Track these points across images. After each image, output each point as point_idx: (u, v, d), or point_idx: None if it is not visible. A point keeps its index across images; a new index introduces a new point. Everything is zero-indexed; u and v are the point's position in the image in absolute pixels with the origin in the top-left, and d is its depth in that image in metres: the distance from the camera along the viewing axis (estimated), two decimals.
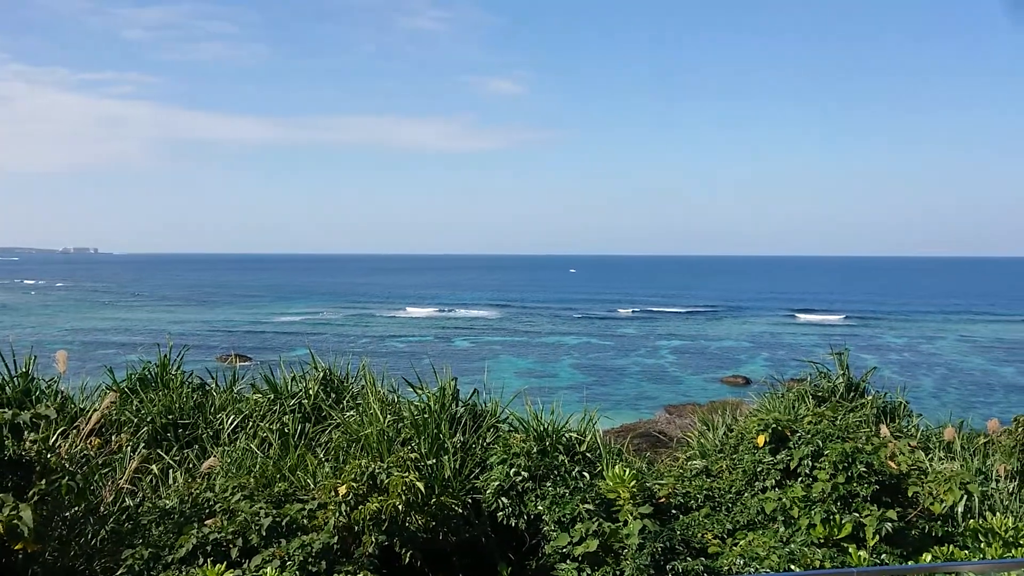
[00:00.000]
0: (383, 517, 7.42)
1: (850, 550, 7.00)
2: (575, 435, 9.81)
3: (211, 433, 10.55)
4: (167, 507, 7.42)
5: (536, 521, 8.05)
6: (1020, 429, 11.83)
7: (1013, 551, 7.49)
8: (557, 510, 7.61)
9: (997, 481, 10.38)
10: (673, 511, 8.42)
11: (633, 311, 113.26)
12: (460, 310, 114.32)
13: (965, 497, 8.14)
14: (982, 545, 7.55)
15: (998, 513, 8.94)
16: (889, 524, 7.16)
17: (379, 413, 9.57)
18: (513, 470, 8.19)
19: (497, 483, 8.21)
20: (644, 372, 60.18)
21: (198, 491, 7.91)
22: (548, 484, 8.08)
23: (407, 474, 7.74)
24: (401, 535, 7.60)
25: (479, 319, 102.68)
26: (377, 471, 7.76)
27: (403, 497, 7.50)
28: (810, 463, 7.83)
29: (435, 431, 9.13)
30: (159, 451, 9.86)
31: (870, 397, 13.78)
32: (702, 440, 12.16)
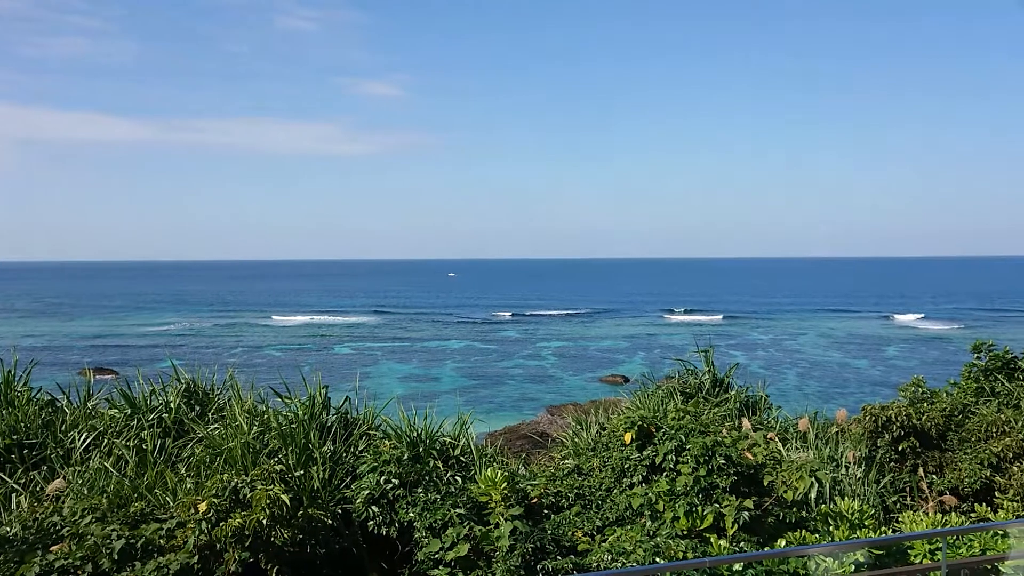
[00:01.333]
0: (247, 533, 7.14)
1: (711, 540, 7.27)
2: (449, 440, 9.76)
3: (61, 453, 9.87)
4: (7, 535, 6.89)
5: (408, 528, 7.96)
6: (868, 418, 12.62)
7: (859, 532, 7.97)
8: (428, 516, 7.54)
9: (847, 467, 11.05)
10: (545, 511, 8.51)
11: (514, 314, 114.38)
12: (338, 316, 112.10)
13: (815, 484, 8.60)
14: (831, 528, 7.99)
15: (847, 497, 9.51)
16: (746, 513, 7.47)
17: (245, 425, 9.22)
18: (384, 478, 8.07)
19: (367, 492, 8.06)
20: (526, 374, 60.84)
21: (44, 516, 7.39)
22: (420, 490, 7.99)
23: (272, 487, 7.49)
24: (266, 550, 7.33)
25: (358, 325, 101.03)
26: (240, 485, 7.47)
27: (268, 511, 7.25)
28: (674, 458, 8.08)
29: (304, 441, 8.88)
30: (1, 475, 9.15)
31: (734, 392, 14.39)
32: (576, 439, 12.37)
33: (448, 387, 53.51)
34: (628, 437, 8.51)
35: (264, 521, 7.20)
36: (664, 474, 8.12)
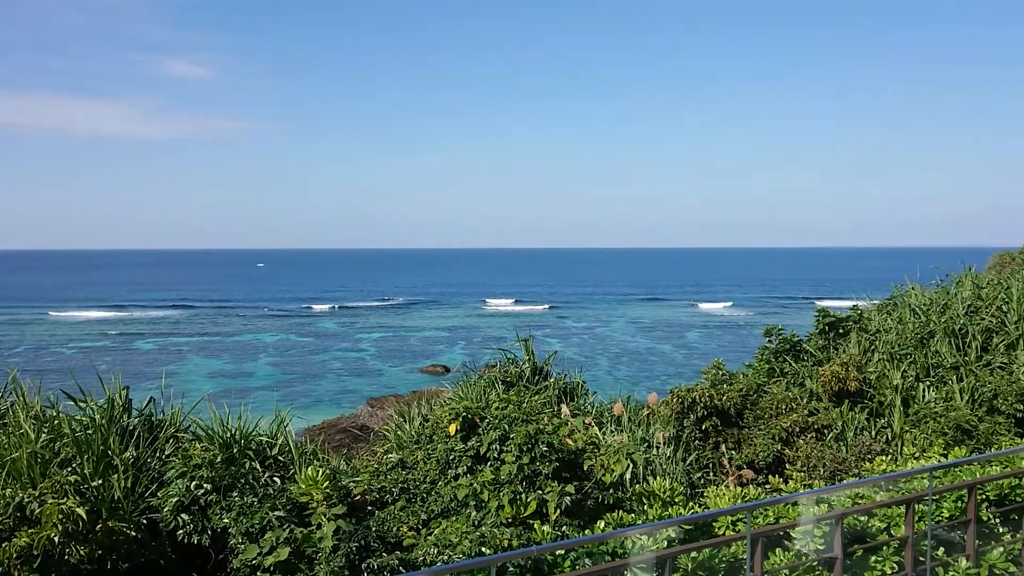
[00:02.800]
0: (35, 552, 6.45)
1: (535, 526, 7.42)
2: (266, 439, 9.32)
3: None
4: None
5: (223, 535, 7.51)
6: (675, 400, 13.41)
7: (671, 509, 8.44)
8: (245, 521, 7.16)
9: (657, 448, 11.67)
10: (369, 507, 8.33)
11: (331, 306, 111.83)
12: (136, 311, 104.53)
13: (631, 465, 8.99)
14: (646, 507, 8.41)
15: (659, 477, 10.04)
16: (568, 498, 7.69)
17: (31, 432, 8.32)
18: (194, 483, 7.56)
19: (176, 499, 7.53)
20: (345, 367, 59.69)
21: None
22: (235, 494, 7.57)
23: (65, 500, 6.81)
24: (59, 570, 6.66)
25: (162, 319, 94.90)
26: (27, 500, 6.73)
27: (60, 527, 6.58)
28: (498, 447, 8.17)
29: (102, 448, 8.15)
30: None
31: (553, 379, 14.81)
32: (399, 432, 12.23)
33: (262, 383, 51.46)
34: (453, 428, 8.50)
35: (56, 538, 6.53)
36: (489, 463, 8.18)
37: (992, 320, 17.32)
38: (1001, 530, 8.07)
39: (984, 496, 8.10)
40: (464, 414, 8.56)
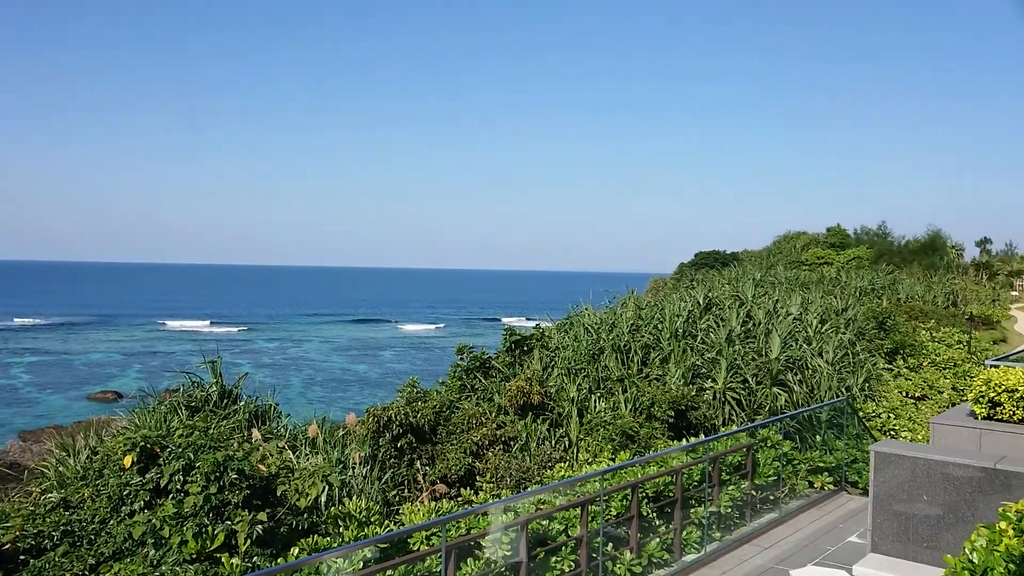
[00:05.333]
0: None
1: (223, 559, 6.96)
2: None
3: None
4: None
5: None
6: (371, 419, 13.42)
7: (367, 529, 8.40)
8: None
9: (354, 468, 11.58)
10: (23, 556, 7.27)
11: None
12: None
13: (327, 488, 8.82)
14: (342, 529, 8.29)
15: (355, 497, 9.95)
16: (260, 527, 7.33)
17: None
18: None
19: None
20: None
21: None
22: None
23: None
24: None
25: None
26: None
27: None
28: (182, 477, 7.57)
29: None
30: None
31: (243, 403, 14.09)
32: (61, 468, 10.84)
33: None
34: (128, 460, 7.73)
35: None
36: (171, 496, 7.54)
37: (650, 337, 19.63)
38: (658, 523, 9.13)
39: (644, 494, 9.11)
40: (142, 444, 7.82)
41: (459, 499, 10.87)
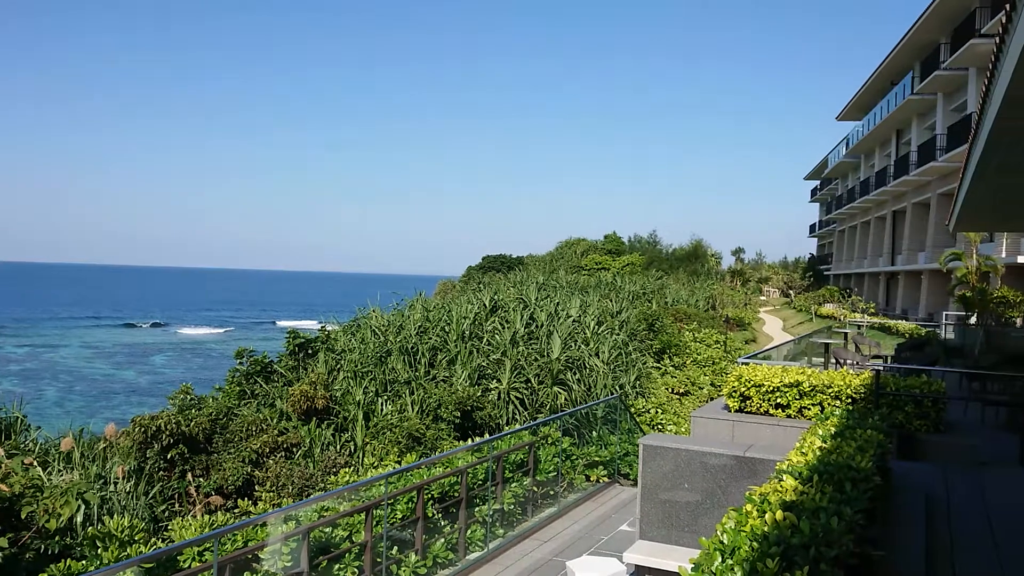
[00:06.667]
0: None
1: None
2: None
3: None
4: None
5: None
6: (137, 430, 12.41)
7: (130, 549, 7.73)
8: None
9: (116, 483, 10.64)
10: None
11: None
12: None
13: (83, 506, 8.04)
14: (100, 551, 7.57)
15: (116, 515, 9.15)
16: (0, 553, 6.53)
17: None
18: None
19: None
20: None
21: None
22: None
23: None
24: None
25: None
26: None
27: None
28: None
29: None
30: None
31: None
32: None
33: None
34: None
35: None
36: None
37: (437, 339, 19.78)
38: (443, 523, 9.20)
39: (431, 495, 9.14)
40: None
41: (236, 511, 10.32)
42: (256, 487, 12.10)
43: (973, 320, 25.51)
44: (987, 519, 5.59)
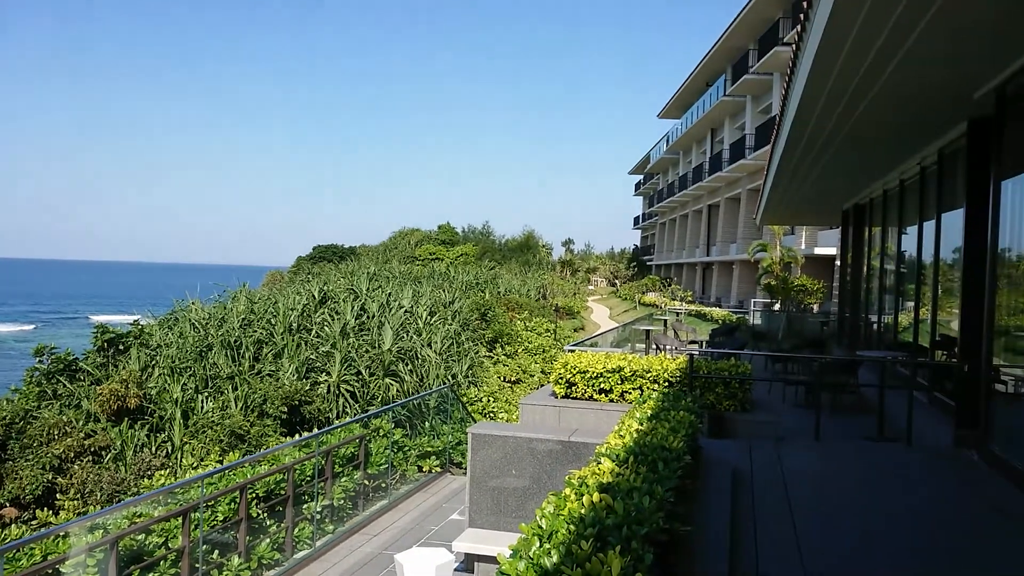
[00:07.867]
0: None
1: None
2: None
3: None
4: None
5: None
6: None
7: None
8: None
9: None
10: None
11: None
12: None
13: None
14: None
15: None
16: None
17: None
18: None
19: None
20: None
21: None
22: None
23: None
24: None
25: None
26: None
27: None
28: None
29: None
30: None
31: None
32: None
33: None
34: None
35: None
36: None
37: (263, 332, 19.04)
38: (268, 523, 8.86)
39: (255, 494, 8.77)
40: None
41: (34, 522, 9.46)
42: (59, 495, 11.15)
43: (777, 307, 27.69)
44: (784, 485, 6.08)
